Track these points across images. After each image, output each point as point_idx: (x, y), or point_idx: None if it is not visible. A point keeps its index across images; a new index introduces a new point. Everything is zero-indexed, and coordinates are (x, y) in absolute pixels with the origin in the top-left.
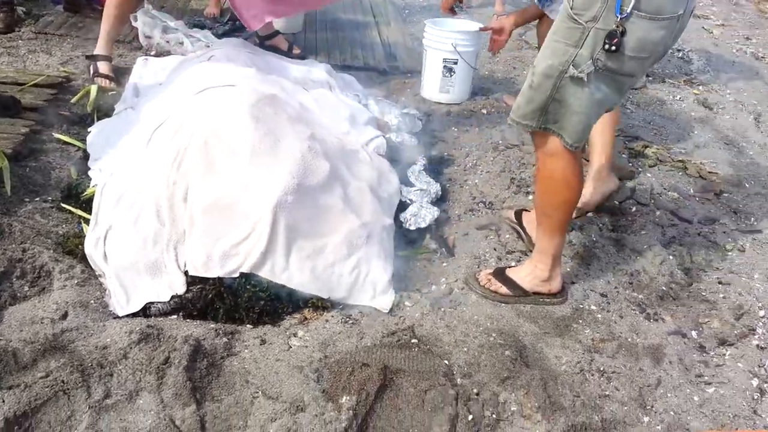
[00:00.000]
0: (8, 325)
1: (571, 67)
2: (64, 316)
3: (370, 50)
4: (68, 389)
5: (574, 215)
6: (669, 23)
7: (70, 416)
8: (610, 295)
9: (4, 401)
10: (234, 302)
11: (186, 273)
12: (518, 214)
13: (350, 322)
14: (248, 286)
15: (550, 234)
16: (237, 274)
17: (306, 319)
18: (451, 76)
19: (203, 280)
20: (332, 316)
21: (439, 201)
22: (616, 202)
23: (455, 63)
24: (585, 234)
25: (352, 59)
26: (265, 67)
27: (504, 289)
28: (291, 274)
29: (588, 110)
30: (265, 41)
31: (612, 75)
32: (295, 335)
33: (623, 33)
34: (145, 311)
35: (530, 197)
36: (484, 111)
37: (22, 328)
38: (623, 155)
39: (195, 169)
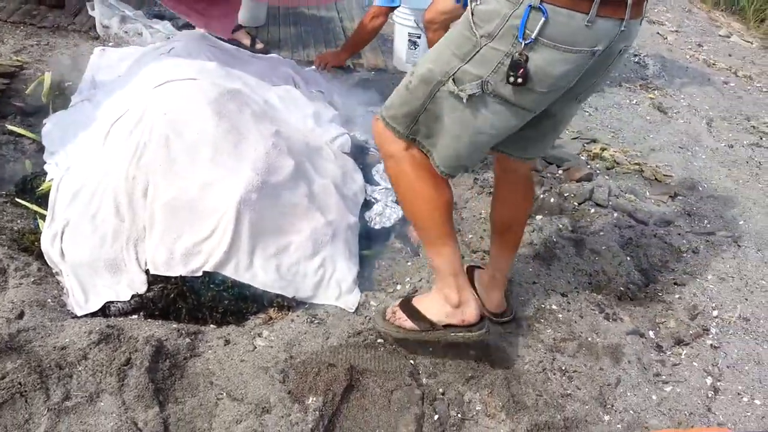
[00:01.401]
0: None
1: (450, 81)
2: (21, 315)
3: (334, 46)
4: (26, 391)
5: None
6: (579, 58)
7: (28, 419)
8: (570, 295)
9: None
10: (197, 302)
11: (147, 272)
12: (470, 271)
13: (316, 321)
14: (212, 285)
15: (434, 249)
16: (200, 273)
17: (271, 318)
18: (415, 48)
19: (165, 279)
20: (297, 316)
21: None
22: (576, 204)
23: (419, 37)
24: (545, 234)
25: (316, 55)
26: (228, 61)
27: (409, 323)
28: (255, 272)
29: (464, 135)
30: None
31: (502, 104)
32: (259, 335)
33: (527, 61)
34: (104, 311)
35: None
36: None
37: None
38: (581, 156)
39: (155, 165)
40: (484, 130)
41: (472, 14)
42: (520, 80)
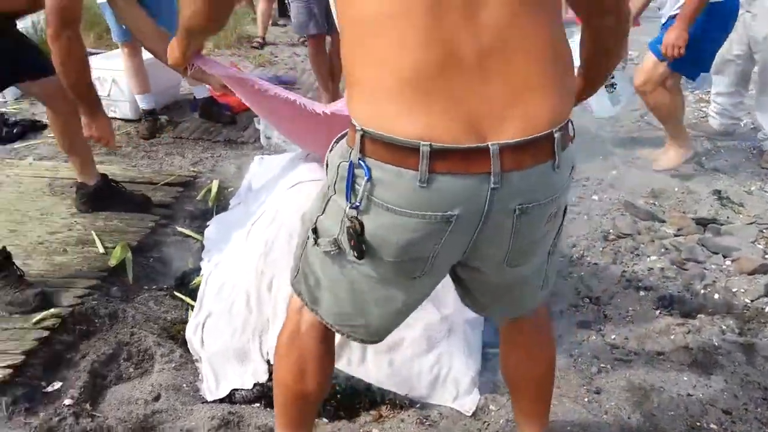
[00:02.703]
0: (108, 403)
1: (310, 231)
2: (157, 398)
3: None
4: None
5: None
6: (426, 225)
7: None
8: (736, 412)
9: None
10: None
11: (268, 362)
12: None
13: (427, 423)
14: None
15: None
16: None
17: (381, 416)
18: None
19: None
20: (408, 416)
21: None
22: (747, 301)
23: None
24: (704, 337)
25: None
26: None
27: None
28: (368, 367)
29: (341, 293)
30: None
31: (363, 272)
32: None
33: (362, 229)
34: (230, 397)
35: (641, 293)
36: (596, 197)
37: (119, 407)
38: (757, 245)
39: (280, 260)
40: (362, 291)
41: (330, 149)
42: (355, 254)
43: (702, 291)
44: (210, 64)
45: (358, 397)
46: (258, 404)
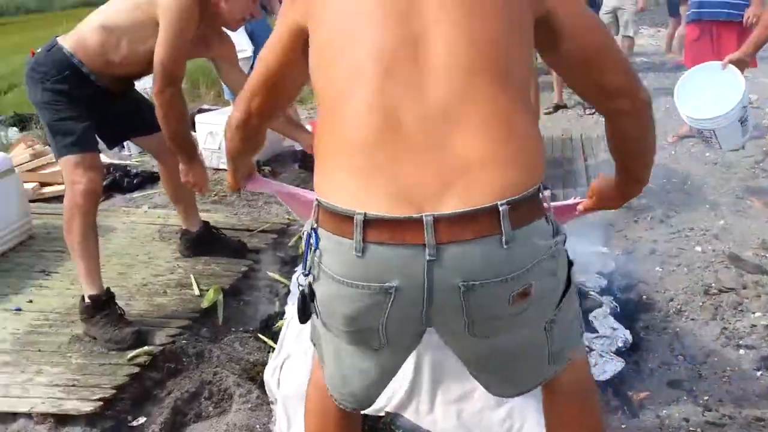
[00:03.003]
0: None
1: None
2: None
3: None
4: None
5: None
6: (366, 296)
7: None
8: None
9: None
10: None
11: None
12: None
13: None
14: (392, 427)
15: None
16: (383, 413)
17: None
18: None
19: None
20: None
21: (629, 351)
22: None
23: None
24: None
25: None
26: None
27: None
28: (436, 418)
29: (330, 359)
30: None
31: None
32: None
33: (312, 296)
34: None
35: (741, 351)
36: (699, 248)
37: None
38: None
39: None
40: (348, 367)
41: None
42: (302, 319)
43: None
44: (260, 183)
45: None
46: None
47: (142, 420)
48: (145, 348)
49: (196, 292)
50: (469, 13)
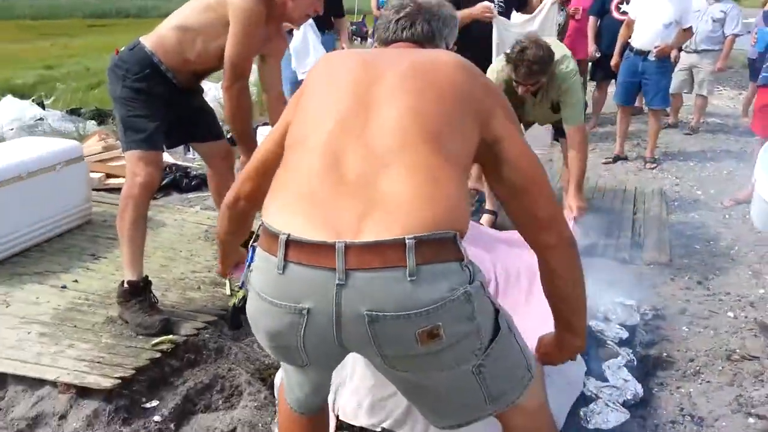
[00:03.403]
0: (191, 427)
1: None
2: (233, 431)
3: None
4: None
5: None
6: (283, 314)
7: None
8: None
9: None
10: None
11: (337, 416)
12: None
13: None
14: None
15: None
16: (379, 429)
17: None
18: None
19: (350, 427)
20: None
21: (638, 405)
22: None
23: None
24: None
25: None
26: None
27: None
28: None
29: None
30: None
31: None
32: None
33: (243, 305)
34: None
35: (750, 419)
36: (731, 314)
37: None
38: None
39: None
40: (290, 376)
41: None
42: (231, 327)
43: None
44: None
45: None
46: None
47: (155, 403)
48: (170, 336)
49: (228, 291)
50: (419, 95)
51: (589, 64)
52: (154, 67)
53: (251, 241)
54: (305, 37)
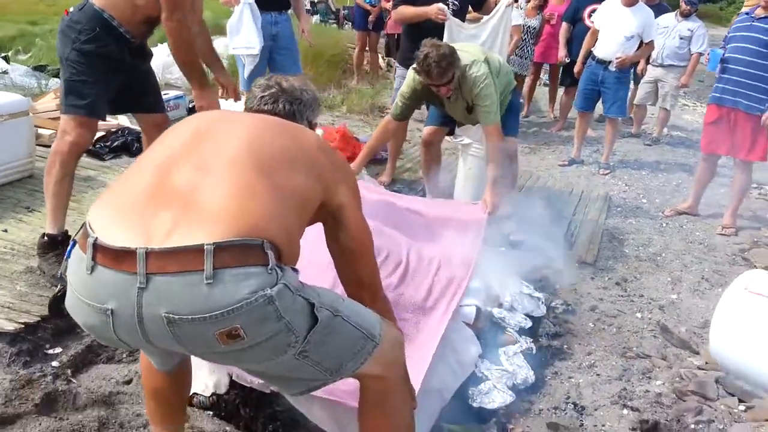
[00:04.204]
0: (88, 375)
1: None
2: (129, 381)
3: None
4: None
5: None
6: (93, 313)
7: None
8: None
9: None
10: (253, 414)
11: (230, 376)
12: None
13: None
14: (274, 405)
15: None
16: (268, 390)
17: None
18: None
19: (241, 387)
20: None
21: (527, 390)
22: None
23: None
24: None
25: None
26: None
27: None
28: (312, 406)
29: None
30: None
31: None
32: None
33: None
34: (190, 399)
35: (625, 411)
36: (639, 315)
37: (94, 381)
38: None
39: None
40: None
41: None
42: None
43: (692, 426)
44: None
45: (295, 430)
46: (211, 413)
47: (58, 350)
48: None
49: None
50: (263, 133)
51: (560, 68)
52: (105, 23)
53: (74, 234)
54: (241, 15)
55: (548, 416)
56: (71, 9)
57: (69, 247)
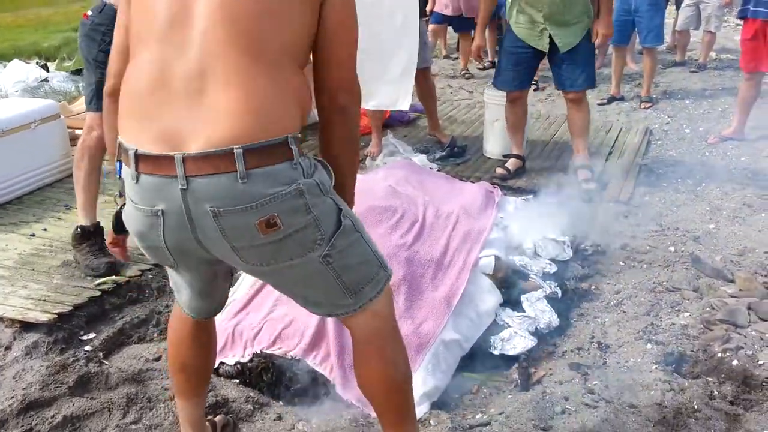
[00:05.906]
0: (120, 356)
1: None
2: (158, 358)
3: None
4: (112, 409)
5: None
6: (144, 216)
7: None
8: None
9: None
10: (275, 379)
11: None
12: None
13: (362, 422)
14: (294, 368)
15: None
16: (289, 356)
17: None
18: None
19: (265, 356)
20: (347, 410)
21: (551, 334)
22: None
23: None
24: (685, 398)
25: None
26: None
27: None
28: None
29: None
30: None
31: None
32: (306, 420)
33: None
34: (216, 370)
35: (649, 345)
36: (672, 248)
37: (125, 360)
38: None
39: None
40: (176, 280)
41: None
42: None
43: (719, 354)
44: None
45: None
46: (237, 380)
47: (91, 335)
48: (113, 277)
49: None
50: None
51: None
52: None
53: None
54: None
55: (571, 357)
56: (89, 12)
57: (118, 167)
